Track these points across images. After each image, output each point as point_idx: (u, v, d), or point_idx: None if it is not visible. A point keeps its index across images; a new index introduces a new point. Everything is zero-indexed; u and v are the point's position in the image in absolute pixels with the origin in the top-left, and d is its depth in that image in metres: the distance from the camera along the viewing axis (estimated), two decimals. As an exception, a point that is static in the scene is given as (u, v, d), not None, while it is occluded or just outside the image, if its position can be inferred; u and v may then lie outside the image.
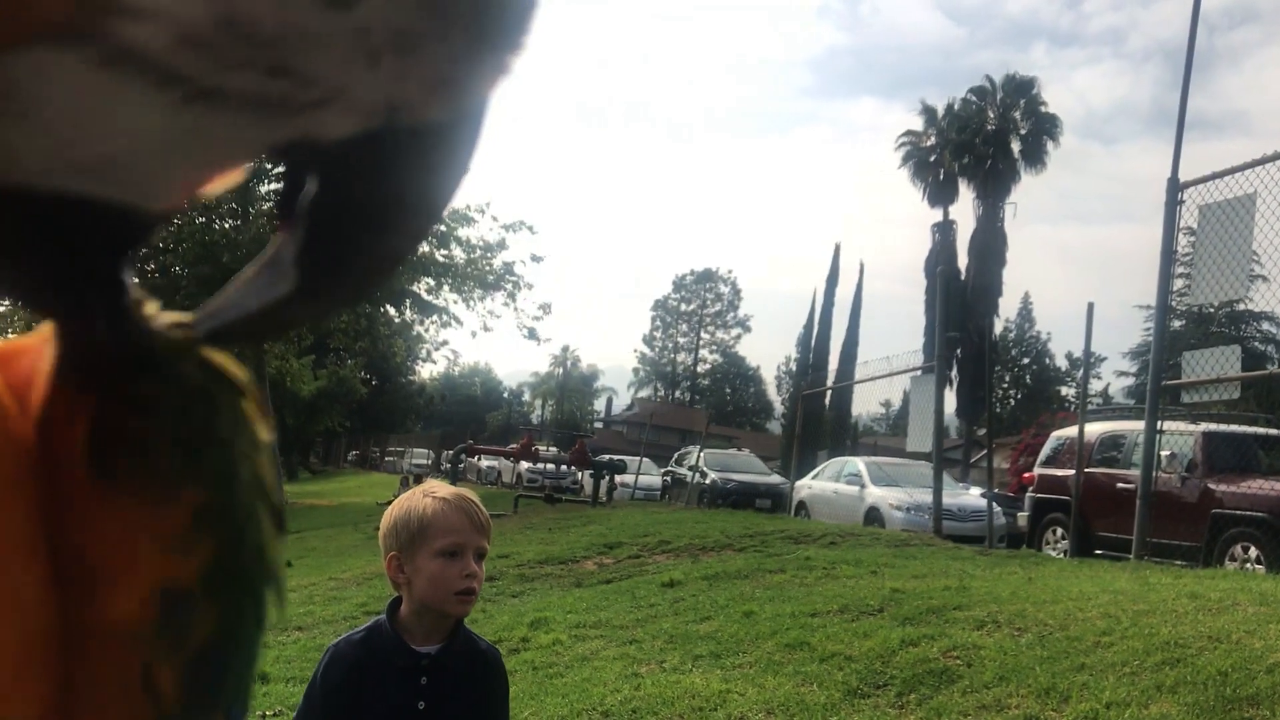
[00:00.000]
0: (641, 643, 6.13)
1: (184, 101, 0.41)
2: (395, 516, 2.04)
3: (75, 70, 0.40)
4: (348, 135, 0.43)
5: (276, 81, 0.41)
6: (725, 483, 22.38)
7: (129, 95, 0.40)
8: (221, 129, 0.43)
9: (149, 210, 0.45)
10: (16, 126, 0.41)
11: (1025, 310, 67.98)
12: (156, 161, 0.43)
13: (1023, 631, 5.33)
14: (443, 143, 0.46)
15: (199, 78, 0.41)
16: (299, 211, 0.47)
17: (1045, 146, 44.33)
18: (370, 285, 0.51)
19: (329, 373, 45.16)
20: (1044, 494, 13.47)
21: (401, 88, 0.43)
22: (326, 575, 9.99)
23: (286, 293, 0.48)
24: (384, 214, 0.47)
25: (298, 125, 0.43)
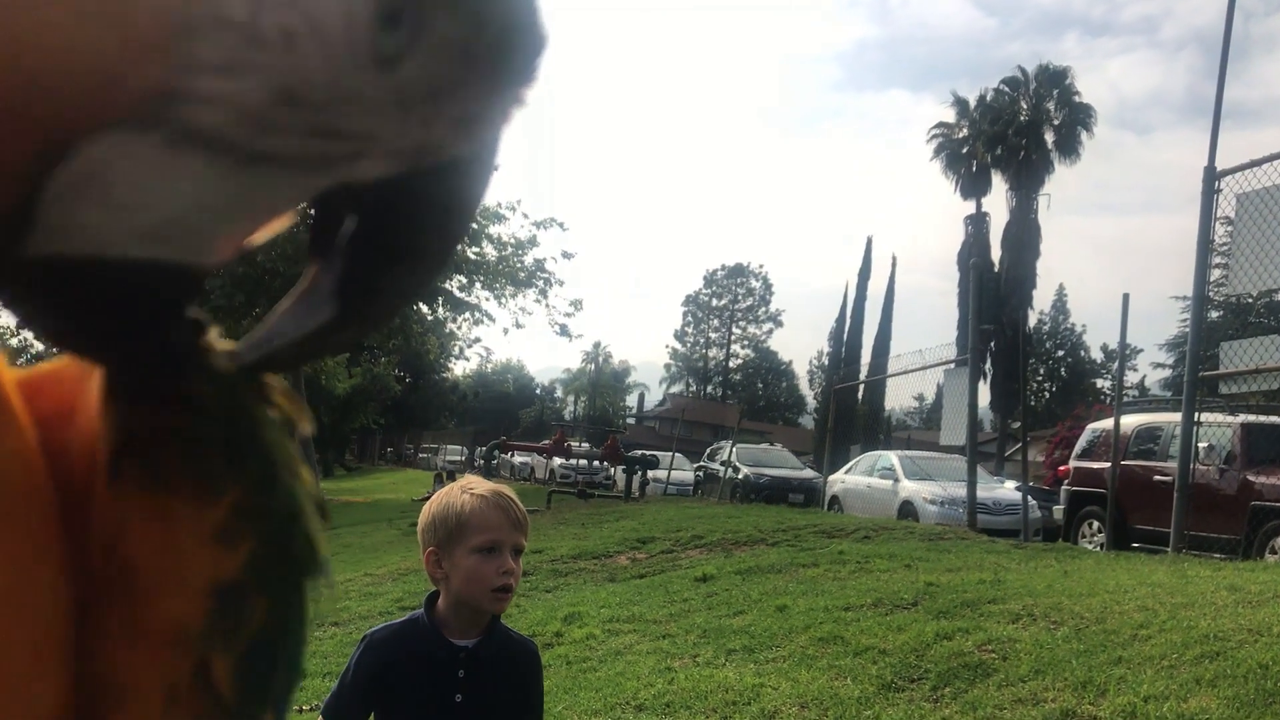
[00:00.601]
0: (675, 637, 6.14)
1: (237, 167, 0.44)
2: (434, 512, 2.05)
3: (145, 152, 0.43)
4: (380, 178, 0.47)
5: (319, 141, 0.45)
6: (758, 478, 22.32)
7: (190, 168, 0.44)
8: (269, 188, 0.46)
9: (202, 266, 0.48)
10: (92, 205, 0.44)
11: (1060, 302, 67.43)
12: (211, 222, 0.46)
13: (1059, 625, 5.29)
14: (465, 174, 0.50)
15: (252, 144, 0.44)
16: (337, 246, 0.51)
17: (1079, 137, 43.85)
18: (403, 307, 0.56)
19: (363, 370, 45.45)
20: (1080, 487, 13.36)
21: (430, 132, 0.46)
22: (362, 571, 10.06)
23: (327, 321, 0.52)
24: (415, 244, 0.51)
25: (336, 175, 0.47)
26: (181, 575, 0.53)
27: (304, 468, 0.59)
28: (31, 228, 0.44)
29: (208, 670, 0.54)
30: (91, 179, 0.43)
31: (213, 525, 0.53)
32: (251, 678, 0.56)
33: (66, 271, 0.46)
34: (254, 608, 0.55)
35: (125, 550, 0.53)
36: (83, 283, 0.46)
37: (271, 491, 0.56)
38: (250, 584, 0.55)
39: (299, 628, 0.59)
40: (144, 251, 0.46)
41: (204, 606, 0.53)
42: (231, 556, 0.54)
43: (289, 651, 0.58)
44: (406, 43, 0.45)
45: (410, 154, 0.47)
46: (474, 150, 0.50)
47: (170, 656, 0.53)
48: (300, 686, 0.61)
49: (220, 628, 0.54)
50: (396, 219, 0.50)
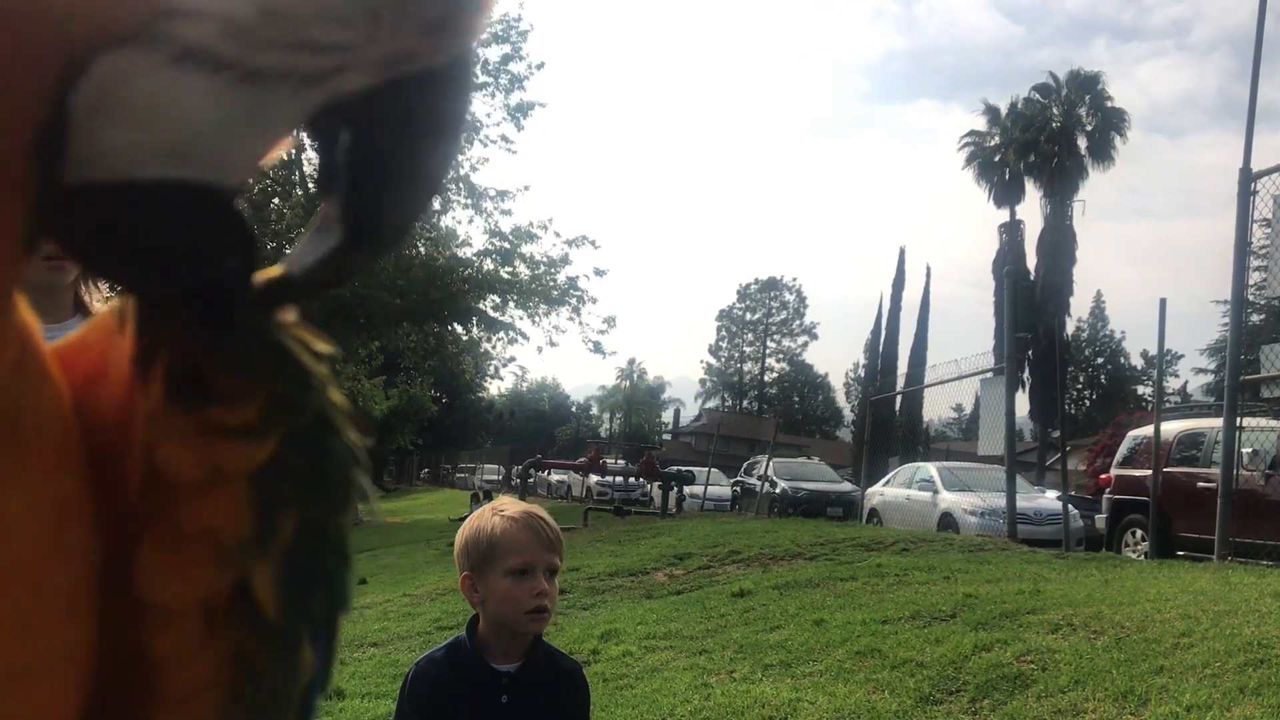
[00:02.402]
0: (712, 653, 6.13)
1: (235, 84, 0.49)
2: (466, 536, 2.05)
3: (150, 70, 0.48)
4: (365, 88, 0.51)
5: (302, 55, 0.50)
6: (795, 491, 22.22)
7: (193, 85, 0.49)
8: (266, 106, 0.51)
9: (226, 186, 0.53)
10: (112, 124, 0.48)
11: (1098, 309, 66.78)
12: (222, 140, 0.51)
13: (1099, 634, 5.23)
14: (444, 85, 0.54)
15: (242, 61, 0.49)
16: (336, 174, 0.55)
17: (1113, 142, 43.44)
18: (404, 229, 0.59)
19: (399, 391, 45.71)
20: (1121, 495, 13.20)
21: (401, 39, 0.51)
22: (400, 591, 10.10)
23: (337, 245, 0.56)
24: (409, 161, 0.55)
25: (324, 91, 0.51)
26: (212, 475, 0.55)
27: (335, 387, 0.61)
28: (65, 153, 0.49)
29: (248, 586, 0.55)
30: (109, 98, 0.48)
31: (242, 421, 0.55)
32: (292, 594, 0.57)
33: (105, 199, 0.50)
34: (287, 512, 0.56)
35: (159, 461, 0.55)
36: (121, 209, 0.50)
37: (304, 390, 0.59)
38: (282, 486, 0.56)
39: (339, 545, 0.60)
40: (169, 171, 0.50)
41: (236, 509, 0.55)
42: (258, 448, 0.55)
43: (329, 570, 0.59)
44: None
45: (387, 63, 0.51)
46: (449, 62, 0.53)
47: (208, 567, 0.54)
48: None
49: (256, 534, 0.55)
50: (387, 137, 0.54)
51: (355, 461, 0.60)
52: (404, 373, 43.08)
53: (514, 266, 24.99)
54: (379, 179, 0.55)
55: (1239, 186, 8.94)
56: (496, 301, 25.39)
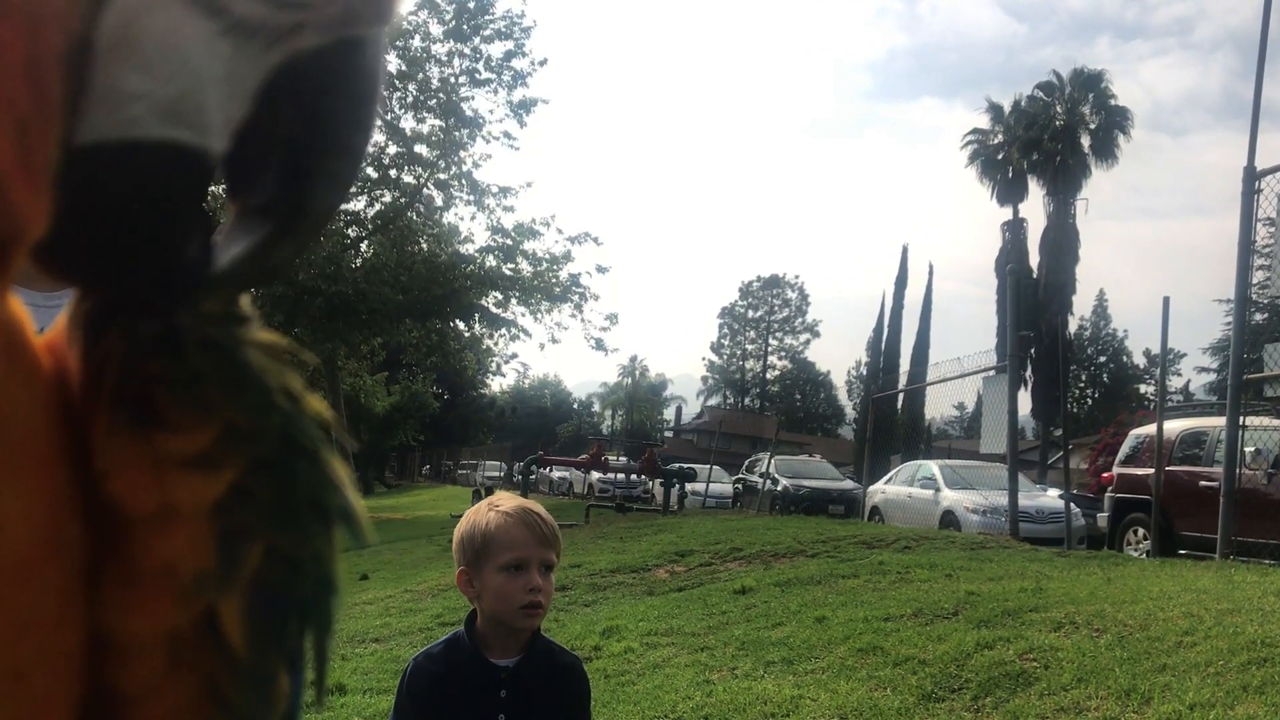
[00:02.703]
0: (713, 649, 6.12)
1: (221, 35, 0.51)
2: (462, 532, 2.04)
3: (161, 3, 0.49)
4: (314, 48, 0.54)
5: (271, 9, 0.52)
6: (797, 489, 22.22)
7: (194, 27, 0.50)
8: (240, 62, 0.52)
9: (211, 151, 0.53)
10: (126, 68, 0.49)
11: (1100, 308, 66.70)
12: (214, 96, 0.51)
13: (1102, 632, 5.22)
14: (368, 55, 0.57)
15: (229, 9, 0.51)
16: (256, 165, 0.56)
17: (1116, 140, 43.40)
18: (331, 209, 0.60)
19: (402, 388, 45.75)
20: (1124, 494, 13.19)
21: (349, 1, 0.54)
22: (402, 588, 10.10)
23: (264, 235, 0.56)
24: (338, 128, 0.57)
25: (283, 50, 0.53)
26: (168, 508, 0.52)
27: (312, 397, 0.58)
28: (87, 93, 0.49)
29: (214, 618, 0.53)
30: (128, 34, 0.49)
31: (195, 451, 0.53)
32: (263, 626, 0.54)
33: (104, 163, 0.50)
34: (252, 543, 0.54)
35: (114, 491, 0.53)
36: (117, 175, 0.50)
37: (264, 415, 0.55)
38: (245, 517, 0.54)
39: (318, 571, 0.57)
40: (167, 130, 0.50)
41: (195, 543, 0.52)
42: (214, 481, 0.53)
43: (306, 598, 0.57)
44: None
45: (336, 24, 0.54)
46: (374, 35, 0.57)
47: (169, 603, 0.52)
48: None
49: (217, 567, 0.53)
50: (323, 104, 0.56)
51: (330, 484, 0.57)
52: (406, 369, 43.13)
53: (516, 263, 25.01)
54: (309, 155, 0.56)
55: (1243, 185, 8.92)
56: (499, 298, 25.42)
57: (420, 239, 25.31)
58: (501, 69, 23.99)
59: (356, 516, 0.58)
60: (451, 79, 23.97)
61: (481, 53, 23.85)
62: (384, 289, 22.64)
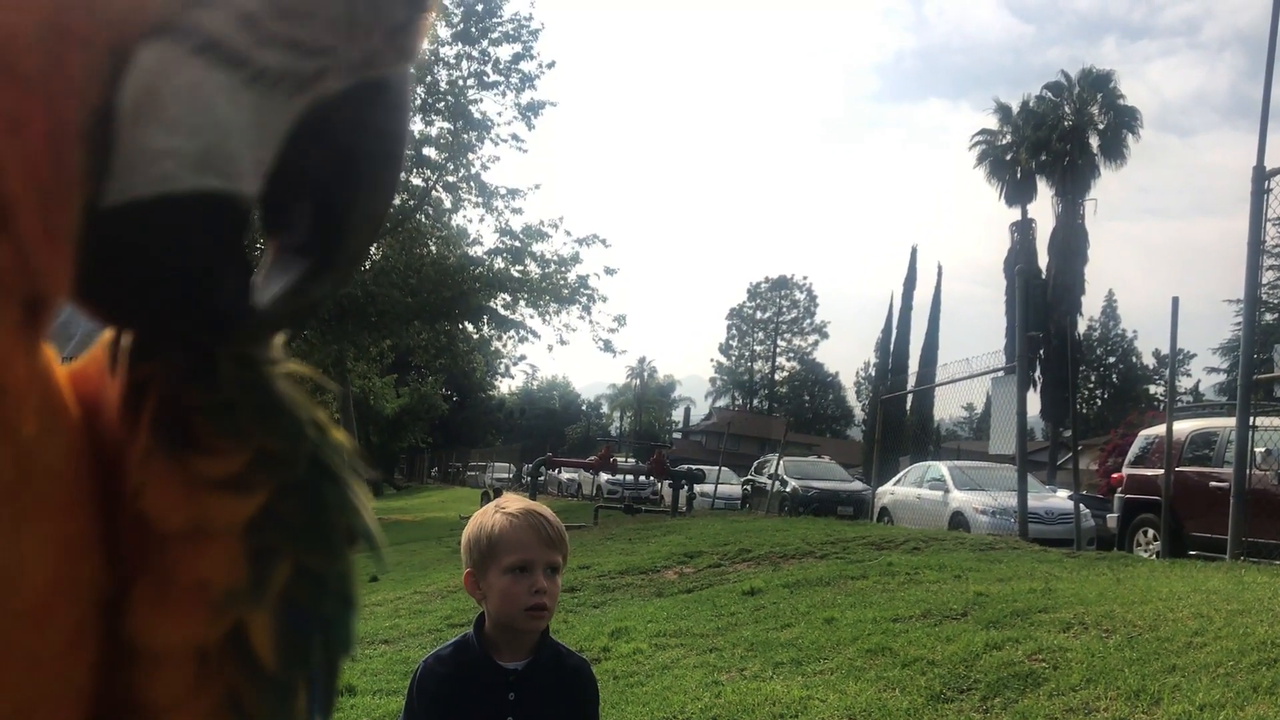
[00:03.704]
0: (722, 651, 6.12)
1: (245, 85, 0.52)
2: (469, 533, 2.05)
3: (182, 63, 0.50)
4: (339, 92, 0.55)
5: (294, 56, 0.53)
6: (806, 490, 22.19)
7: (217, 83, 0.51)
8: (268, 110, 0.53)
9: (244, 195, 0.54)
10: (153, 128, 0.50)
11: (1109, 308, 66.54)
12: (238, 145, 0.53)
13: (1111, 633, 5.21)
14: (396, 96, 0.58)
15: (251, 60, 0.52)
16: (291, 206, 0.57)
17: (1125, 140, 43.29)
18: (366, 246, 0.61)
19: (411, 390, 45.84)
20: (1133, 494, 13.16)
21: (370, 42, 0.55)
22: (411, 589, 10.12)
23: (302, 273, 0.57)
24: (368, 170, 0.58)
25: (309, 96, 0.54)
26: (200, 526, 0.54)
27: (338, 430, 0.61)
28: (111, 158, 0.50)
29: (243, 633, 0.55)
30: (151, 95, 0.50)
31: (228, 473, 0.55)
32: (289, 641, 0.56)
33: (142, 218, 0.51)
34: (281, 562, 0.56)
35: (146, 507, 0.55)
36: (155, 228, 0.52)
37: (295, 442, 0.58)
38: (275, 536, 0.56)
39: (340, 590, 0.59)
40: (199, 180, 0.52)
41: (227, 560, 0.54)
42: (246, 502, 0.55)
43: (328, 616, 0.58)
44: None
45: (358, 67, 0.55)
46: (400, 74, 0.58)
47: (199, 618, 0.54)
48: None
49: (248, 583, 0.55)
50: (352, 145, 0.57)
51: (354, 508, 0.60)
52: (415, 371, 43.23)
53: (525, 265, 25.04)
54: (341, 194, 0.57)
55: (1253, 185, 8.90)
56: (507, 300, 25.44)
57: (429, 241, 25.35)
58: (509, 71, 24.03)
59: (377, 539, 0.61)
60: (459, 81, 24.00)
61: (489, 55, 23.89)
62: (393, 291, 22.69)
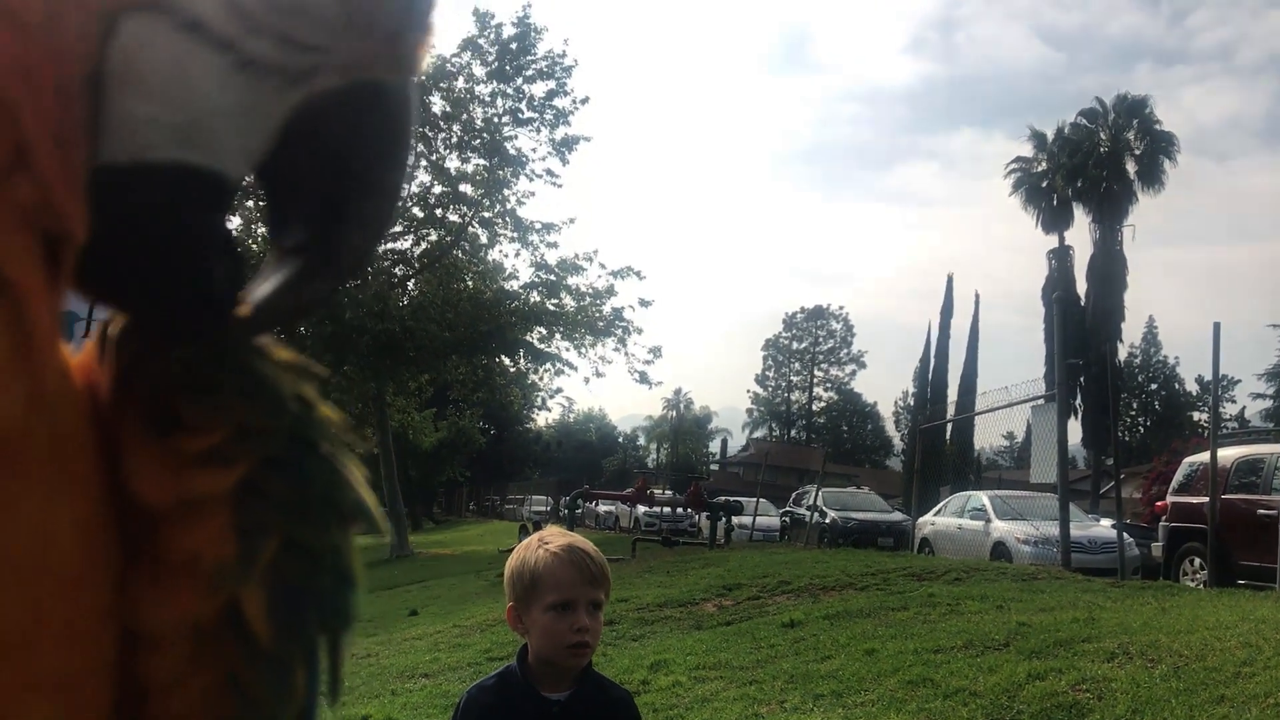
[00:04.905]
0: (762, 683, 6.09)
1: (233, 70, 0.54)
2: (512, 568, 2.05)
3: (165, 38, 0.52)
4: (333, 90, 0.56)
5: (285, 50, 0.55)
6: (845, 521, 22.04)
7: (201, 61, 0.53)
8: (258, 99, 0.55)
9: (228, 175, 0.56)
10: (134, 96, 0.52)
11: (1150, 335, 65.83)
12: (223, 126, 0.54)
13: (1156, 663, 5.15)
14: (396, 99, 0.59)
15: (240, 46, 0.53)
16: (290, 205, 0.59)
17: (1162, 166, 42.98)
18: (364, 249, 0.62)
19: (449, 424, 46.01)
20: (1178, 523, 12.97)
21: (365, 45, 0.57)
22: (450, 623, 10.14)
23: (296, 271, 0.59)
24: (366, 171, 0.59)
25: (301, 91, 0.56)
26: (186, 502, 0.56)
27: (324, 406, 0.62)
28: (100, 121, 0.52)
29: (237, 609, 0.55)
30: (133, 63, 0.52)
31: (208, 448, 0.56)
32: (283, 616, 0.57)
33: (120, 183, 0.53)
34: (269, 535, 0.56)
35: (138, 489, 0.56)
36: (135, 194, 0.53)
37: (275, 417, 0.59)
38: (262, 510, 0.56)
39: (336, 564, 0.59)
40: (180, 153, 0.53)
41: (216, 535, 0.55)
42: (227, 474, 0.56)
43: (324, 590, 0.59)
44: None
45: (352, 68, 0.57)
46: (400, 83, 0.59)
47: (193, 594, 0.55)
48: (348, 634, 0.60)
49: (237, 558, 0.55)
50: (347, 147, 0.58)
51: (342, 481, 0.60)
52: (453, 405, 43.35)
53: (560, 298, 25.17)
54: (336, 195, 0.58)
55: (1292, 208, 8.82)
56: (543, 333, 25.55)
57: (466, 276, 25.56)
58: (544, 108, 24.26)
59: (370, 511, 0.61)
60: (495, 119, 24.28)
61: (524, 92, 24.15)
62: (430, 326, 22.86)
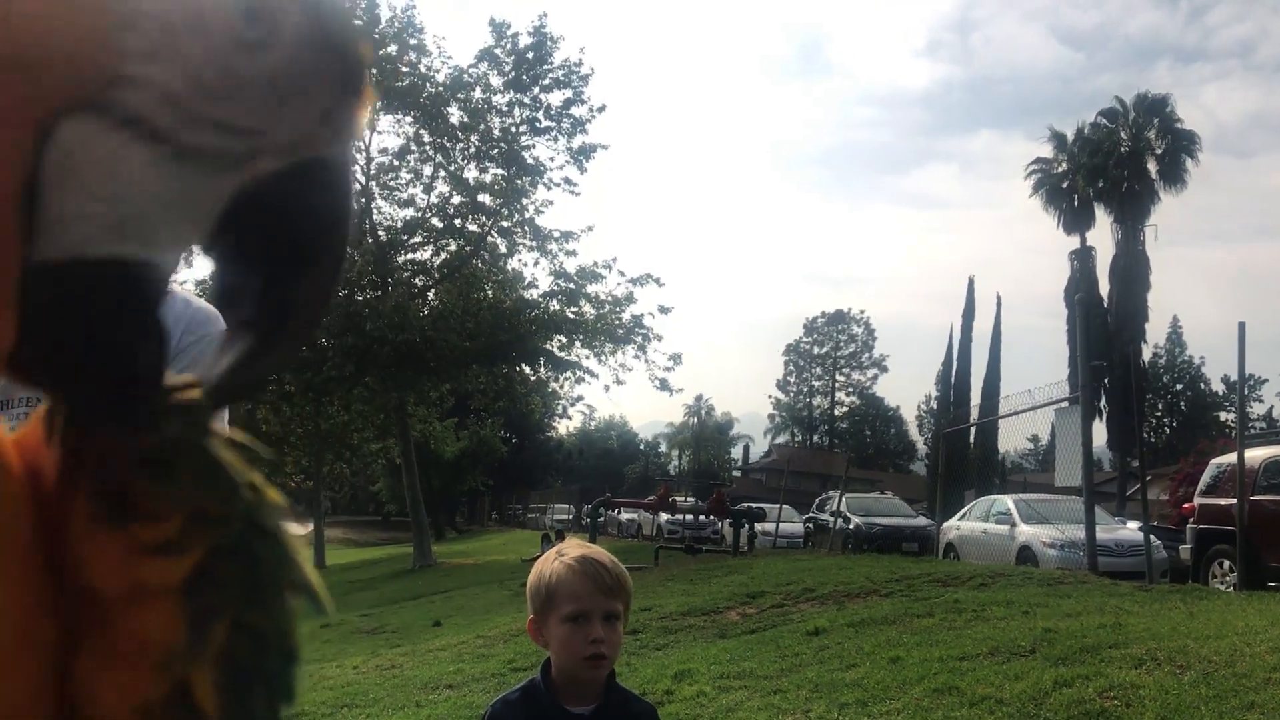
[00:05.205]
0: (786, 692, 6.06)
1: (169, 160, 0.53)
2: (531, 580, 2.06)
3: (101, 136, 0.52)
4: (271, 172, 0.56)
5: (226, 136, 0.54)
6: (869, 527, 21.96)
7: (137, 155, 0.53)
8: (194, 186, 0.55)
9: (162, 264, 0.56)
10: (72, 195, 0.52)
11: (1175, 335, 65.28)
12: (158, 217, 0.54)
13: (1185, 669, 5.09)
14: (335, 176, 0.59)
15: (176, 136, 0.53)
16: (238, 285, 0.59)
17: (1184, 165, 42.64)
18: (315, 318, 0.62)
19: (470, 433, 46.16)
20: (1206, 525, 12.85)
21: (302, 125, 0.56)
22: (474, 633, 10.15)
23: (246, 349, 0.59)
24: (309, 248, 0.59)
25: (240, 175, 0.56)
26: (138, 589, 0.56)
27: (270, 489, 0.62)
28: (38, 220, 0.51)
29: (187, 690, 0.55)
30: (68, 165, 0.51)
31: (164, 538, 0.56)
32: (232, 696, 0.57)
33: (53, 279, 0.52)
34: (218, 620, 0.57)
35: (90, 575, 0.56)
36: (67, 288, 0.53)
37: (229, 503, 0.59)
38: (213, 595, 0.57)
39: (281, 643, 0.60)
40: (115, 247, 0.53)
41: (167, 620, 0.55)
42: (181, 563, 0.56)
43: (270, 670, 0.59)
44: (268, 32, 0.55)
45: (290, 149, 0.57)
46: (338, 155, 0.59)
47: (142, 679, 0.55)
48: None
49: (187, 642, 0.56)
50: (291, 224, 0.58)
51: (289, 562, 0.61)
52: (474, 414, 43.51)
53: (579, 306, 25.22)
54: (281, 273, 0.59)
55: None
56: (563, 341, 25.62)
57: (485, 286, 25.65)
58: (561, 117, 24.37)
59: (314, 589, 0.62)
60: (512, 128, 24.39)
61: (541, 102, 24.26)
62: (451, 336, 22.95)
